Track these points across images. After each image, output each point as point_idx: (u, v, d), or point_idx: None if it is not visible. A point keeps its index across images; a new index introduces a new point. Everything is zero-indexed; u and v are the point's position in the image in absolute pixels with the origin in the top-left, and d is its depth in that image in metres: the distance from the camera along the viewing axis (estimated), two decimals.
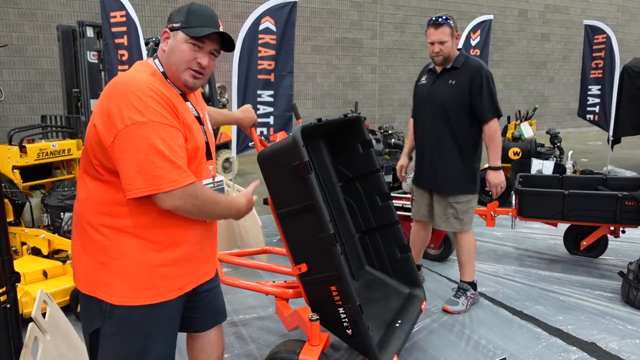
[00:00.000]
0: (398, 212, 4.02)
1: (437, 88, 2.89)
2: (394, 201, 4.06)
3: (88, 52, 5.18)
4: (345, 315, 2.03)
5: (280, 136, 2.31)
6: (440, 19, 2.76)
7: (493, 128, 2.84)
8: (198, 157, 1.51)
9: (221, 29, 1.47)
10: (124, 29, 4.53)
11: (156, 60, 1.50)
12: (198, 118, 1.55)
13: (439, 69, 2.91)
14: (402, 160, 3.29)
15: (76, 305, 2.90)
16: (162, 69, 1.48)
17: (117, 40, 4.58)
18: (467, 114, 2.84)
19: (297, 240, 2.10)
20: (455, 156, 2.90)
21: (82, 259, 1.46)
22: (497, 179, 2.91)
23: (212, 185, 1.59)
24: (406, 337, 2.31)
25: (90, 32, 5.26)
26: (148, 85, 1.36)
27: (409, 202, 3.52)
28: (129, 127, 1.29)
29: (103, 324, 1.44)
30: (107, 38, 4.62)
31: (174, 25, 1.45)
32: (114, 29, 4.57)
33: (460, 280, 3.14)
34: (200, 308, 1.69)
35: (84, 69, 5.18)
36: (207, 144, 1.58)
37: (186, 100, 1.52)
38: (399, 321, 2.38)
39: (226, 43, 1.51)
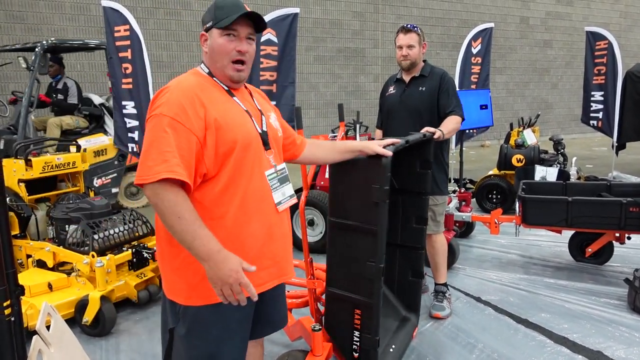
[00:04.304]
0: None
1: (409, 95, 3.00)
2: None
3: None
4: (359, 342, 2.02)
5: (322, 138, 2.29)
6: (409, 26, 2.94)
7: (458, 119, 2.84)
8: (240, 149, 1.48)
9: (247, 10, 1.51)
10: (127, 42, 4.58)
11: (202, 65, 1.59)
12: (247, 112, 1.56)
13: (407, 78, 3.02)
14: None
15: (81, 317, 2.92)
16: (207, 70, 1.56)
17: (121, 54, 4.64)
18: (437, 118, 2.95)
19: (340, 253, 2.04)
20: None
21: (163, 266, 1.56)
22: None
23: (274, 174, 1.60)
24: None
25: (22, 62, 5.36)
26: (177, 85, 1.45)
27: None
28: (147, 120, 1.43)
29: (177, 325, 1.53)
30: (111, 52, 4.68)
31: (207, 25, 1.53)
32: (117, 43, 4.63)
33: (437, 284, 3.19)
34: (257, 314, 1.66)
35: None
36: (263, 135, 1.57)
37: (232, 95, 1.56)
38: (393, 345, 2.37)
39: (258, 24, 1.55)
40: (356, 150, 1.92)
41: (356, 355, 2.05)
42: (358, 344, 2.03)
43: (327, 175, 4.47)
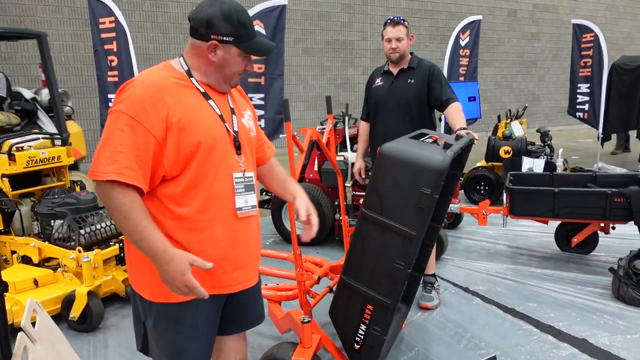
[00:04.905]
0: None
1: (398, 87, 3.00)
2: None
3: None
4: (363, 336, 2.00)
5: (310, 131, 2.26)
6: (397, 19, 2.93)
7: (459, 106, 2.88)
8: (203, 151, 1.44)
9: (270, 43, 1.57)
10: (113, 34, 4.52)
11: (180, 59, 1.53)
12: (221, 116, 1.52)
13: (394, 70, 3.02)
14: (359, 162, 3.32)
15: (68, 313, 2.89)
16: (186, 68, 1.51)
17: (106, 47, 4.57)
18: (426, 108, 3.00)
19: (366, 247, 1.96)
20: None
21: (129, 258, 1.56)
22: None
23: (242, 179, 1.56)
24: (386, 355, 2.33)
25: None
26: (143, 80, 1.41)
27: None
28: (109, 113, 1.41)
29: (146, 318, 1.55)
30: (96, 44, 4.61)
31: (225, 38, 1.45)
32: (103, 35, 4.56)
33: (425, 275, 3.20)
34: (226, 313, 1.65)
35: None
36: (235, 138, 1.54)
37: (209, 99, 1.51)
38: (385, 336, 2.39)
39: None
40: (291, 200, 1.76)
41: (357, 347, 2.03)
42: (362, 337, 2.01)
43: (315, 168, 4.47)
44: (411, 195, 1.78)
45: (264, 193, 5.11)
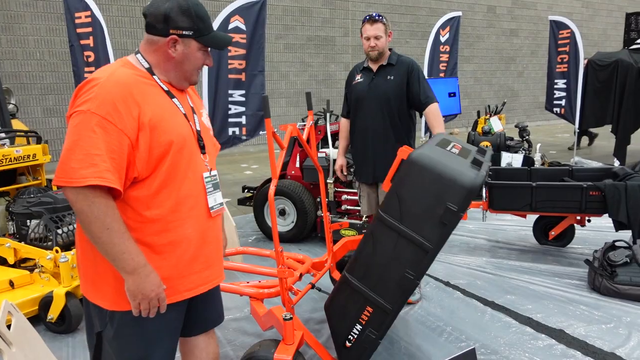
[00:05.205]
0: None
1: (377, 84, 3.02)
2: (346, 197, 4.00)
3: None
4: (357, 335, 1.99)
5: (290, 127, 2.25)
6: (375, 16, 2.93)
7: (437, 108, 2.98)
8: (175, 151, 1.42)
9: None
10: (89, 29, 4.43)
11: (138, 56, 1.47)
12: (185, 115, 1.51)
13: (374, 66, 3.04)
14: (341, 159, 3.32)
15: (45, 314, 2.83)
16: (147, 65, 1.46)
17: (82, 42, 4.48)
18: (405, 105, 3.01)
19: (377, 251, 1.92)
20: (396, 146, 3.02)
21: (82, 266, 1.48)
22: None
23: (209, 178, 1.55)
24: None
25: None
26: (108, 78, 1.34)
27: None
28: (71, 115, 1.32)
29: (104, 328, 1.47)
30: (72, 39, 4.51)
31: (184, 32, 1.43)
32: (79, 30, 4.46)
33: None
34: (190, 315, 1.65)
35: None
36: (198, 135, 1.53)
37: (172, 97, 1.48)
38: None
39: None
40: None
41: (348, 344, 2.02)
42: (355, 336, 2.00)
43: (297, 165, 4.46)
44: (435, 208, 1.74)
45: (246, 190, 5.09)
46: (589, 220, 3.81)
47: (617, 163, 6.72)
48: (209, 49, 1.52)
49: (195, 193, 1.50)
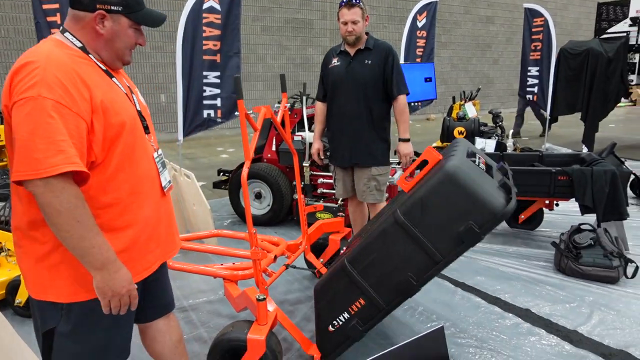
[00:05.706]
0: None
1: (355, 68, 3.02)
2: (323, 180, 4.02)
3: None
4: (343, 323, 2.01)
5: (264, 109, 2.24)
6: (353, 0, 2.90)
7: (403, 103, 3.04)
8: (127, 132, 1.38)
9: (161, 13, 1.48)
10: (56, 5, 4.25)
11: (67, 34, 1.38)
12: (126, 94, 1.47)
13: (351, 50, 3.04)
14: (317, 143, 3.32)
15: (13, 298, 2.77)
16: (79, 44, 1.37)
17: (49, 19, 4.29)
18: (381, 90, 3.03)
19: (385, 248, 1.92)
20: (372, 131, 3.09)
21: (25, 265, 1.39)
22: (407, 150, 3.11)
23: (158, 157, 1.54)
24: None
25: None
26: (48, 60, 1.25)
27: None
28: (15, 103, 1.20)
29: (58, 324, 1.39)
30: (37, 16, 4.33)
31: (113, 7, 1.36)
32: (45, 6, 4.28)
33: None
34: (144, 299, 1.62)
35: None
36: (142, 118, 1.49)
37: (112, 77, 1.43)
38: None
39: None
40: None
41: (331, 329, 2.04)
42: (340, 323, 2.02)
43: (273, 148, 4.44)
44: (456, 223, 1.74)
45: (222, 174, 5.04)
46: (557, 204, 3.93)
47: (585, 150, 6.92)
48: (142, 26, 1.46)
49: (151, 173, 1.49)
